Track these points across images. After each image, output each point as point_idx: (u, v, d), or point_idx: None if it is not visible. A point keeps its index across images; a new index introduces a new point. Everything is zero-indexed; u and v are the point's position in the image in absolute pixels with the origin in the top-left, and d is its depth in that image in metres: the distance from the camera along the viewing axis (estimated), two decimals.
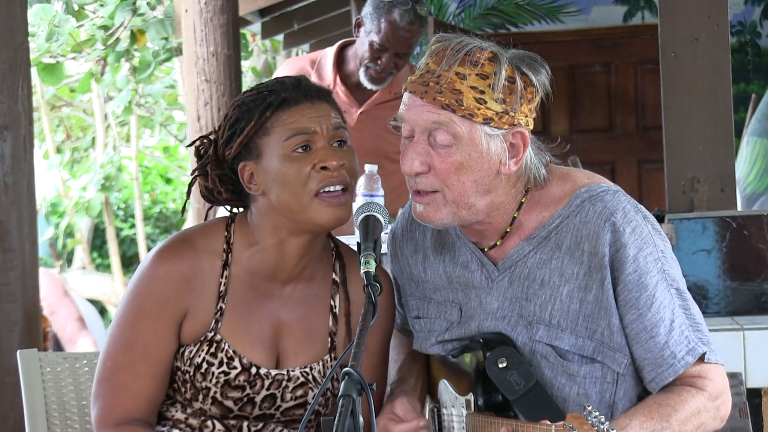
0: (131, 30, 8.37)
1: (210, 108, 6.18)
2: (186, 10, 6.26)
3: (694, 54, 4.50)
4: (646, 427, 2.21)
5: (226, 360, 2.42)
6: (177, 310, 2.42)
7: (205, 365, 2.42)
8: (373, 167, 3.57)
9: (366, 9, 4.44)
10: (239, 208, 2.53)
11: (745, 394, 2.76)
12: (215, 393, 2.43)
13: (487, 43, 2.29)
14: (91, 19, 8.63)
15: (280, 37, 9.25)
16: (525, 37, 7.71)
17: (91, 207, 9.97)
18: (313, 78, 4.33)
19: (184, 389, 2.45)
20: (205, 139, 2.51)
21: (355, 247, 2.36)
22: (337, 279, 2.52)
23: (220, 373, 2.42)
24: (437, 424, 2.52)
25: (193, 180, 2.54)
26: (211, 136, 2.50)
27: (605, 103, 8.05)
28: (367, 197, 3.49)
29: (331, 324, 2.49)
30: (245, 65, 10.07)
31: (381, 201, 3.46)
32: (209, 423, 2.46)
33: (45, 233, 10.68)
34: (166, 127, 11.67)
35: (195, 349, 2.43)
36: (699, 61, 4.50)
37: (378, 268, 2.28)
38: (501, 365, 2.28)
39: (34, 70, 7.78)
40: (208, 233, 2.47)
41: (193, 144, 2.54)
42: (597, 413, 2.00)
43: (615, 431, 1.98)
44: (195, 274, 2.43)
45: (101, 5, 8.50)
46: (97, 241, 12.78)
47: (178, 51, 8.29)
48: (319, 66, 4.57)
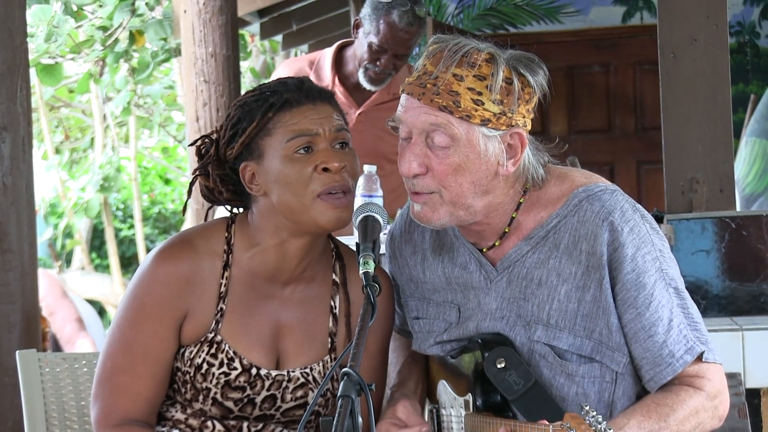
0: (130, 31, 8.36)
1: (209, 108, 6.18)
2: (185, 11, 6.26)
3: (693, 54, 4.50)
4: (644, 427, 2.21)
5: (226, 361, 2.42)
6: (177, 311, 2.42)
7: (205, 366, 2.42)
8: (371, 168, 3.55)
9: (364, 10, 4.43)
10: (240, 209, 2.53)
11: (744, 395, 2.76)
12: (215, 394, 2.43)
13: (484, 44, 2.29)
14: (90, 19, 8.61)
15: (279, 37, 9.25)
16: (524, 38, 7.71)
17: (89, 208, 9.96)
18: (311, 79, 4.32)
19: (184, 390, 2.45)
20: (206, 139, 2.51)
21: (354, 248, 2.36)
22: (337, 280, 2.52)
23: (220, 373, 2.42)
24: (436, 424, 2.52)
25: (194, 180, 2.53)
26: (213, 135, 2.49)
27: (604, 103, 8.04)
28: (365, 198, 3.46)
29: (331, 325, 2.49)
30: (244, 66, 10.06)
31: (380, 201, 3.44)
32: (209, 423, 2.46)
33: (44, 234, 10.66)
34: (165, 127, 11.65)
35: (195, 350, 2.43)
36: (698, 62, 4.50)
37: (378, 269, 2.28)
38: (499, 365, 2.28)
39: (32, 71, 7.77)
40: (209, 234, 2.47)
41: (194, 143, 2.53)
42: (594, 413, 2.00)
43: (612, 431, 1.98)
44: (195, 275, 2.43)
45: (100, 6, 8.49)
46: (95, 242, 12.78)
47: (177, 52, 8.28)
48: (318, 67, 4.57)
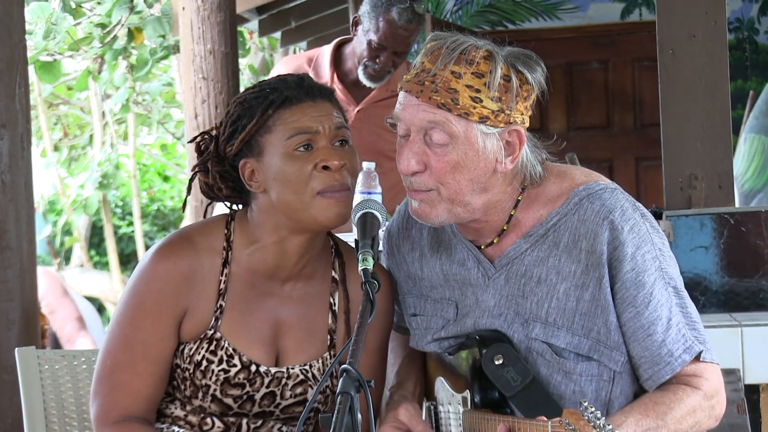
0: (128, 28, 8.35)
1: (207, 105, 6.17)
2: (183, 8, 6.25)
3: (691, 51, 4.50)
4: (642, 425, 2.21)
5: (225, 358, 2.42)
6: (177, 308, 2.42)
7: (204, 363, 2.42)
8: (370, 165, 3.56)
9: (363, 8, 4.43)
10: (239, 206, 2.52)
11: (743, 391, 2.76)
12: (215, 390, 2.43)
13: (482, 42, 2.28)
14: (89, 17, 8.60)
15: (278, 34, 9.24)
16: (522, 35, 7.71)
17: (88, 205, 9.95)
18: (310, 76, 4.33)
19: (183, 387, 2.45)
20: (206, 136, 2.51)
21: (353, 245, 2.36)
22: (336, 277, 2.51)
23: (219, 370, 2.42)
24: (434, 421, 2.52)
25: (193, 176, 2.53)
26: (213, 132, 2.49)
27: (603, 100, 8.04)
28: (364, 194, 3.48)
29: (330, 322, 2.49)
30: (242, 63, 10.06)
31: (379, 198, 3.46)
32: (208, 420, 2.46)
33: (43, 231, 10.66)
34: (164, 124, 11.65)
35: (195, 347, 2.43)
36: (697, 58, 4.50)
37: (377, 266, 2.28)
38: (497, 362, 2.28)
39: (31, 68, 7.76)
40: (208, 231, 2.47)
41: (193, 140, 2.53)
42: (593, 409, 1.99)
43: (611, 427, 1.97)
44: (195, 272, 2.43)
45: (98, 3, 8.48)
46: (94, 239, 12.77)
47: (176, 49, 8.27)
48: (316, 64, 4.57)
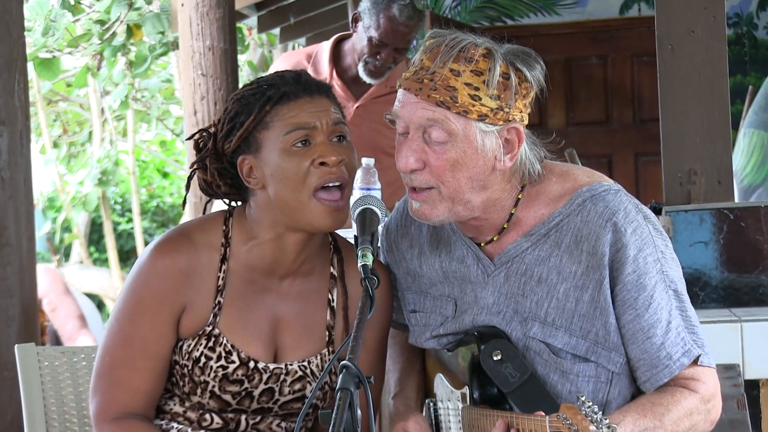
0: (127, 24, 8.34)
1: (206, 102, 6.16)
2: (182, 4, 6.25)
3: (690, 46, 4.50)
4: (640, 425, 2.21)
5: (224, 354, 2.42)
6: (175, 304, 2.42)
7: (203, 359, 2.42)
8: (370, 161, 3.56)
9: (363, 4, 4.43)
10: (237, 202, 2.52)
11: (743, 386, 2.76)
12: (213, 387, 2.43)
13: (481, 39, 2.28)
14: (88, 13, 8.59)
15: (277, 30, 9.23)
16: (521, 30, 7.71)
17: (88, 202, 9.95)
18: (309, 72, 4.32)
19: (182, 383, 2.45)
20: (204, 132, 2.51)
21: (352, 241, 2.36)
22: (334, 273, 2.51)
23: (218, 367, 2.42)
24: (433, 418, 2.52)
25: (192, 173, 2.53)
26: (211, 129, 2.49)
27: (602, 95, 8.05)
28: (363, 190, 3.48)
29: (328, 318, 2.49)
30: (242, 59, 10.05)
31: (378, 194, 3.46)
32: (207, 416, 2.46)
33: (42, 228, 10.65)
34: (163, 121, 11.64)
35: (193, 343, 2.43)
36: (696, 54, 4.49)
37: (377, 262, 2.28)
38: (496, 358, 2.28)
39: (30, 65, 7.75)
40: (207, 228, 2.47)
41: (192, 137, 2.53)
42: (590, 403, 1.99)
43: (608, 422, 1.97)
44: (193, 269, 2.43)
45: (97, 0, 8.48)
46: (94, 236, 12.76)
47: (175, 45, 8.27)
48: (316, 60, 4.56)
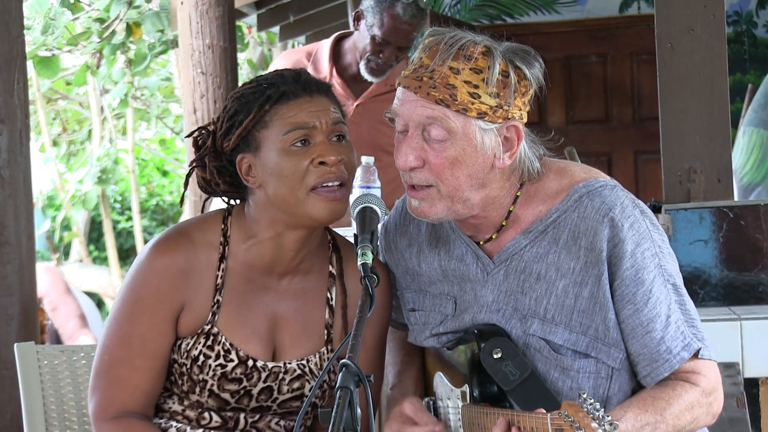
0: (127, 23, 8.33)
1: (206, 100, 6.16)
2: (182, 3, 6.24)
3: (690, 44, 4.50)
4: (641, 420, 2.21)
5: (222, 353, 2.42)
6: (174, 303, 2.42)
7: (202, 358, 2.42)
8: (369, 159, 3.57)
9: (367, 2, 4.42)
10: (236, 200, 2.52)
11: (742, 384, 2.77)
12: (212, 385, 2.43)
13: (480, 37, 2.28)
14: (87, 11, 8.59)
15: (276, 29, 9.22)
16: (520, 29, 7.71)
17: (87, 200, 9.95)
18: (309, 70, 4.32)
19: (181, 381, 2.45)
20: (203, 131, 2.50)
21: (352, 239, 2.35)
22: (333, 271, 2.51)
23: (216, 365, 2.42)
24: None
25: (190, 171, 2.53)
26: (210, 127, 2.49)
27: (601, 94, 8.04)
28: (363, 189, 3.48)
29: (327, 316, 2.49)
30: (241, 57, 10.04)
31: (378, 193, 3.46)
32: (206, 415, 2.46)
33: (42, 226, 10.65)
34: (163, 119, 11.63)
35: (192, 342, 2.43)
36: (695, 52, 4.49)
37: (376, 261, 2.28)
38: (496, 356, 2.28)
39: (29, 64, 7.75)
40: (205, 226, 2.47)
41: (191, 135, 2.53)
42: (592, 401, 1.99)
43: (610, 419, 1.97)
44: (192, 267, 2.42)
45: None
46: (93, 234, 12.76)
47: (174, 43, 8.26)
48: (316, 58, 4.56)
